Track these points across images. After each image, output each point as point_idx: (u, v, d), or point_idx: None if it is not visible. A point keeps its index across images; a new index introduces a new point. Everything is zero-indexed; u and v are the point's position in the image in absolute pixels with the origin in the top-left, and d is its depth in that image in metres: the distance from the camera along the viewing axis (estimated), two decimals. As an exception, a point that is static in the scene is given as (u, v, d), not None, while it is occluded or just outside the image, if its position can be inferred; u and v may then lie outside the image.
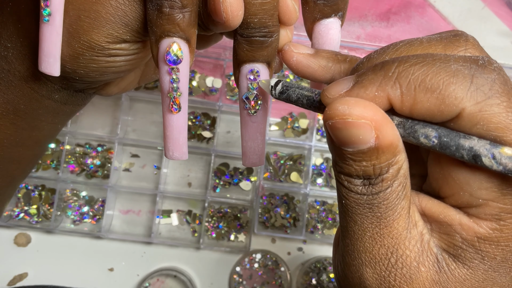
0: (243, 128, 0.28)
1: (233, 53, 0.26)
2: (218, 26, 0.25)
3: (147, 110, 0.56)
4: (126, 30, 0.25)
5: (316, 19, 0.26)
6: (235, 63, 0.26)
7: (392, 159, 0.20)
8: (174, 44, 0.24)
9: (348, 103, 0.19)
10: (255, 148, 0.28)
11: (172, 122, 0.25)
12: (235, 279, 0.53)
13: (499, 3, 0.59)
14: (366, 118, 0.19)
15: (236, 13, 0.23)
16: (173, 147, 0.26)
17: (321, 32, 0.27)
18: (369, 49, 0.56)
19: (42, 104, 0.30)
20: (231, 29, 0.25)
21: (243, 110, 0.27)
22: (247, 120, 0.27)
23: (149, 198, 0.55)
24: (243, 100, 0.26)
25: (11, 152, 0.32)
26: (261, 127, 0.27)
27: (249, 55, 0.25)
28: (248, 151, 0.28)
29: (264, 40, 0.25)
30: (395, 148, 0.20)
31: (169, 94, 0.25)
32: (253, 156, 0.28)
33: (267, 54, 0.25)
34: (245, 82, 0.26)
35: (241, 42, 0.25)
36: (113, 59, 0.27)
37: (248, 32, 0.25)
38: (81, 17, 0.25)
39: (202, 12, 0.25)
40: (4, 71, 0.28)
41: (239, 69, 0.26)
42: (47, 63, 0.25)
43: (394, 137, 0.19)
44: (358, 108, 0.19)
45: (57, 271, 0.53)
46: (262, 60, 0.26)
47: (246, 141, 0.28)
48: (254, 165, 0.28)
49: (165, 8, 0.23)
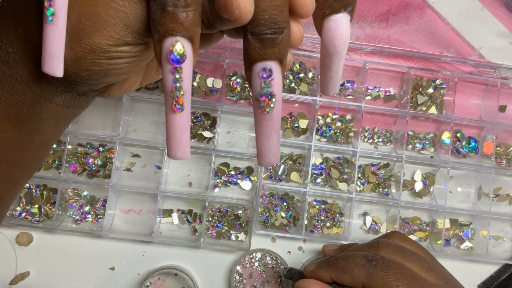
0: (258, 128, 0.27)
1: (244, 53, 0.26)
2: (227, 23, 0.24)
3: (148, 110, 0.56)
4: (127, 31, 0.25)
5: (326, 15, 0.26)
6: (247, 63, 0.26)
7: None
8: (177, 43, 0.23)
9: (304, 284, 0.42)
10: (271, 147, 0.27)
11: (175, 121, 0.25)
12: (235, 278, 0.53)
13: (497, 4, 0.59)
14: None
15: (249, 9, 0.23)
16: (176, 147, 0.25)
17: (330, 27, 0.26)
18: (368, 49, 0.57)
19: (45, 107, 0.30)
20: (240, 25, 0.24)
21: (257, 109, 0.26)
22: (262, 119, 0.27)
23: (150, 198, 0.55)
24: (257, 99, 0.26)
25: (14, 156, 0.32)
26: (276, 125, 0.27)
27: (261, 54, 0.25)
28: (264, 150, 0.27)
29: (275, 37, 0.25)
30: None
31: (172, 94, 0.24)
32: (269, 155, 0.27)
33: (278, 51, 0.25)
34: (258, 81, 0.26)
35: (252, 41, 0.25)
36: (115, 61, 0.27)
37: (259, 30, 0.24)
38: (81, 20, 0.25)
39: (209, 10, 0.25)
40: (6, 75, 0.28)
41: (251, 68, 0.26)
42: (50, 64, 0.25)
43: None
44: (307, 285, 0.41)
45: (58, 270, 0.53)
46: (274, 58, 0.25)
47: (261, 141, 0.27)
48: (270, 164, 0.28)
49: (168, 7, 0.23)
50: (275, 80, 0.26)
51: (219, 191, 0.56)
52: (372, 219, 0.56)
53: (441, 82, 0.58)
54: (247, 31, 0.25)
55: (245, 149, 0.56)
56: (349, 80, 0.58)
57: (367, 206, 0.57)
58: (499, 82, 0.56)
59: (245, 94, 0.56)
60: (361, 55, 0.59)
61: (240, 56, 0.55)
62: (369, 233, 0.56)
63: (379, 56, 0.58)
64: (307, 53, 0.56)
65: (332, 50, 0.27)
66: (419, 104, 0.57)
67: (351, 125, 0.57)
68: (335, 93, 0.30)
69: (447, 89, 0.57)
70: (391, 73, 0.59)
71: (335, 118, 0.57)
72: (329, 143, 0.57)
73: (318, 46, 0.55)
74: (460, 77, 0.58)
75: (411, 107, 0.57)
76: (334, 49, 0.27)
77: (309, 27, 0.55)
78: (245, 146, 0.56)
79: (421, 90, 0.57)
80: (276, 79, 0.26)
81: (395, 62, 0.59)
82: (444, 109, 0.58)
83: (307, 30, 0.55)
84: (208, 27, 0.26)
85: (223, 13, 0.24)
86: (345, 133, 0.57)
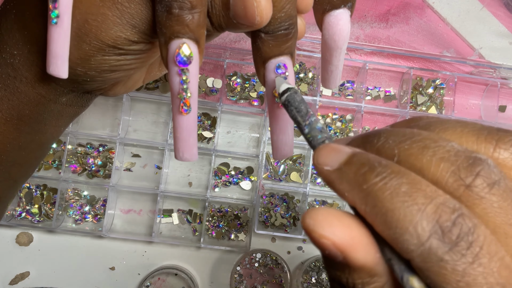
0: (274, 122, 0.27)
1: (255, 51, 0.26)
2: (242, 28, 0.25)
3: (148, 110, 0.56)
4: (134, 32, 0.26)
5: (326, 10, 0.27)
6: (259, 61, 0.26)
7: (367, 279, 0.18)
8: (184, 45, 0.23)
9: (315, 218, 0.18)
10: (286, 140, 0.28)
11: (182, 123, 0.25)
12: (236, 278, 0.53)
13: (497, 4, 0.59)
14: (327, 239, 0.17)
15: (270, 15, 0.24)
16: (184, 148, 0.25)
17: (331, 23, 0.27)
18: (368, 50, 0.57)
19: (48, 108, 0.30)
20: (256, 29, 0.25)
21: (273, 104, 0.27)
22: (278, 113, 0.27)
23: (150, 198, 0.55)
24: (273, 94, 0.26)
25: (14, 156, 0.32)
26: None
27: (275, 50, 0.25)
28: (280, 144, 0.28)
29: (288, 32, 0.25)
30: (370, 270, 0.18)
31: (179, 95, 0.24)
32: (285, 148, 0.28)
33: (290, 45, 0.26)
34: (274, 77, 0.26)
35: (266, 39, 0.25)
36: (123, 58, 0.27)
37: (274, 28, 0.25)
38: (88, 20, 0.25)
39: (223, 15, 0.25)
40: (10, 77, 0.28)
41: (265, 65, 0.26)
42: (55, 65, 0.25)
43: (367, 261, 0.18)
44: (323, 227, 0.17)
45: (58, 270, 0.53)
46: (287, 53, 0.26)
47: (277, 135, 0.28)
48: (285, 157, 0.28)
49: (174, 9, 0.23)
50: (289, 74, 0.26)
51: (219, 191, 0.56)
52: (372, 219, 0.56)
53: (441, 82, 0.58)
54: (260, 30, 0.25)
55: (245, 149, 0.56)
56: (349, 80, 0.58)
57: (367, 206, 0.57)
58: (499, 82, 0.56)
59: (245, 94, 0.56)
60: (361, 55, 0.59)
61: (240, 56, 0.55)
62: (369, 233, 0.56)
63: (379, 56, 0.58)
64: (307, 53, 0.56)
65: (332, 45, 0.27)
66: (419, 104, 0.57)
67: (351, 125, 0.57)
68: (336, 86, 0.31)
69: (447, 89, 0.57)
70: (391, 73, 0.59)
71: (335, 118, 0.57)
72: (329, 143, 0.57)
73: (318, 46, 0.55)
74: (460, 77, 0.58)
75: (411, 107, 0.57)
76: (334, 44, 0.27)
77: (309, 27, 0.55)
78: (245, 146, 0.56)
79: (421, 90, 0.57)
80: (290, 73, 0.26)
81: (395, 62, 0.59)
82: (444, 109, 0.58)
83: (307, 30, 0.55)
84: (218, 30, 0.26)
85: (241, 19, 0.24)
86: (345, 133, 0.57)
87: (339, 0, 0.26)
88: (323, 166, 0.19)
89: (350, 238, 0.17)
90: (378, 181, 0.17)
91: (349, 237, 0.17)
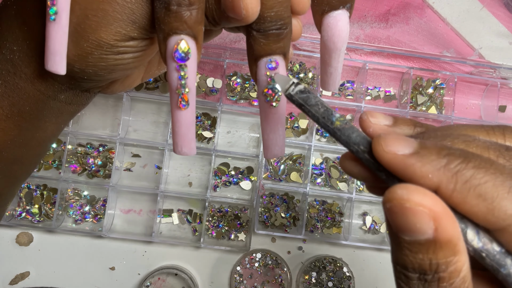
0: (264, 122, 0.28)
1: (248, 49, 0.26)
2: (233, 21, 0.25)
3: (148, 110, 0.56)
4: (133, 27, 0.26)
5: (325, 12, 0.27)
6: (252, 59, 0.26)
7: (451, 257, 0.18)
8: (182, 41, 0.24)
9: (408, 188, 0.18)
10: (277, 140, 0.28)
11: (181, 118, 0.25)
12: (236, 278, 0.53)
13: (497, 4, 0.60)
14: (424, 207, 0.18)
15: (256, 10, 0.24)
16: (182, 143, 0.26)
17: (330, 24, 0.27)
18: (368, 50, 0.57)
19: (47, 105, 0.30)
20: (246, 24, 0.25)
21: (264, 103, 0.27)
22: (268, 113, 0.27)
23: (150, 198, 0.55)
24: (264, 93, 0.27)
25: (14, 153, 0.32)
26: (282, 118, 0.28)
27: (266, 49, 0.26)
28: (270, 143, 0.28)
29: (280, 32, 0.25)
30: (455, 246, 0.18)
31: (177, 91, 0.25)
32: (275, 148, 0.28)
33: (283, 46, 0.26)
34: (265, 75, 0.26)
35: (257, 37, 0.25)
36: (121, 57, 0.27)
37: (265, 26, 0.25)
38: (88, 16, 0.25)
39: (215, 9, 0.25)
40: (10, 73, 0.28)
41: (257, 63, 0.26)
42: (53, 62, 0.25)
43: (454, 234, 0.18)
44: (418, 195, 0.18)
45: (58, 270, 0.53)
46: (279, 52, 0.26)
47: (267, 134, 0.28)
48: (276, 156, 0.29)
49: (172, 6, 0.23)
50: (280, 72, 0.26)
51: (219, 191, 0.56)
52: (372, 219, 0.56)
53: (441, 82, 0.58)
54: (252, 28, 0.25)
55: (245, 149, 0.56)
56: (349, 80, 0.58)
57: (367, 206, 0.57)
58: (499, 82, 0.56)
59: (245, 94, 0.56)
60: (361, 55, 0.59)
61: (240, 56, 0.55)
62: (369, 233, 0.56)
63: (379, 56, 0.58)
64: (307, 53, 0.56)
65: (331, 47, 0.28)
66: (419, 104, 0.57)
67: (351, 125, 0.57)
68: (335, 89, 0.31)
69: (447, 89, 0.57)
70: (391, 73, 0.59)
71: (335, 118, 0.57)
72: (329, 143, 0.57)
73: (318, 46, 0.55)
74: (460, 77, 0.58)
75: (411, 107, 0.57)
76: (333, 45, 0.27)
77: (309, 27, 0.55)
78: (245, 146, 0.56)
79: (421, 90, 0.57)
80: (281, 73, 0.26)
81: (395, 62, 0.59)
82: (444, 109, 0.58)
83: (306, 30, 0.55)
84: (213, 24, 0.27)
85: (230, 12, 0.24)
86: (345, 133, 0.57)
87: (338, 1, 0.27)
88: (396, 152, 0.19)
89: (443, 207, 0.18)
90: (464, 160, 0.19)
91: (442, 206, 0.18)
